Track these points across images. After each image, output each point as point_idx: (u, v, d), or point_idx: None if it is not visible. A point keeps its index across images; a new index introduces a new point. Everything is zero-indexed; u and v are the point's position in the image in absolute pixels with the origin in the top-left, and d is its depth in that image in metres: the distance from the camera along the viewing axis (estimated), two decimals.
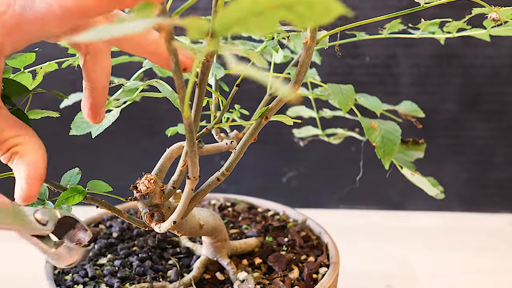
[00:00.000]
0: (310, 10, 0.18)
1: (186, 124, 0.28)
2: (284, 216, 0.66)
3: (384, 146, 0.44)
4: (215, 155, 0.92)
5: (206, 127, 0.46)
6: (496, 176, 1.01)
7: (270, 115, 0.40)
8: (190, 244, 0.57)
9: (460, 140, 0.99)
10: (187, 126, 0.28)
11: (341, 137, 0.65)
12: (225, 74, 0.52)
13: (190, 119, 0.28)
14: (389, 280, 0.77)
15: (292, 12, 0.18)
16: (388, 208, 1.04)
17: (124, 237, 0.60)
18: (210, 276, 0.52)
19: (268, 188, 1.03)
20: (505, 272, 0.80)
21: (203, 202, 0.70)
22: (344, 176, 1.00)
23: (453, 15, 0.47)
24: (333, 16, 0.18)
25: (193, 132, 0.30)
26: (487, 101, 0.96)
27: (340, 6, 0.18)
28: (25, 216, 0.33)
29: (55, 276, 0.51)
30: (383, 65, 0.95)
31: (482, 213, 1.02)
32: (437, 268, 0.81)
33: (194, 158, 0.32)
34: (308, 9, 0.18)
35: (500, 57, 0.93)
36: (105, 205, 0.42)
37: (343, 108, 0.45)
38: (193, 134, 0.30)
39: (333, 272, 0.51)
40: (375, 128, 0.45)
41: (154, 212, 0.42)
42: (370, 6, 0.90)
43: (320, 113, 0.63)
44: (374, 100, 0.51)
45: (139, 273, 0.52)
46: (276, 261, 0.53)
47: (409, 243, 0.89)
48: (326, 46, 0.43)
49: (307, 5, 0.18)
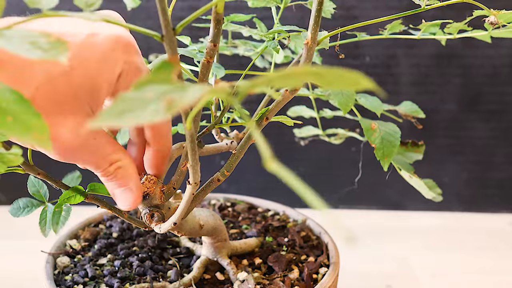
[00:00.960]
0: (339, 82, 0.18)
1: (188, 135, 0.28)
2: (284, 216, 0.66)
3: (383, 148, 0.44)
4: (215, 155, 0.92)
5: (206, 127, 0.46)
6: (496, 176, 1.01)
7: (270, 116, 0.40)
8: (190, 244, 0.57)
9: (460, 140, 0.99)
10: (189, 137, 0.28)
11: (342, 137, 0.65)
12: (225, 74, 0.52)
13: (192, 131, 0.28)
14: (389, 280, 0.77)
15: (321, 79, 0.18)
16: (388, 208, 1.04)
17: (124, 237, 0.60)
18: (210, 276, 0.52)
19: (268, 188, 1.03)
20: (505, 272, 0.80)
21: (203, 202, 0.70)
22: (344, 176, 1.00)
23: (453, 17, 0.47)
24: (359, 87, 0.18)
25: (195, 142, 0.30)
26: (487, 101, 0.96)
27: (366, 81, 0.18)
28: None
29: (55, 276, 0.51)
30: (383, 65, 0.95)
31: (482, 213, 1.02)
32: (437, 268, 0.81)
33: (196, 166, 0.32)
34: (337, 80, 0.18)
35: (500, 57, 0.93)
36: (106, 205, 0.42)
37: (343, 108, 0.45)
38: (194, 144, 0.30)
39: (333, 272, 0.51)
40: (374, 130, 0.45)
41: (154, 213, 0.42)
42: (371, 7, 0.90)
43: (321, 113, 0.63)
44: (374, 100, 0.51)
45: (139, 273, 0.52)
46: (276, 261, 0.53)
47: (409, 243, 0.89)
48: (327, 47, 0.43)
49: (337, 77, 0.18)
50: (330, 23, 0.86)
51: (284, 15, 0.48)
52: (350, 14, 0.91)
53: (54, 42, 0.20)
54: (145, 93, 0.18)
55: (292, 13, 0.79)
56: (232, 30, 0.53)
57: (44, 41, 0.20)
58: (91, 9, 0.28)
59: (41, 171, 0.39)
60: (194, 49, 0.46)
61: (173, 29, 0.26)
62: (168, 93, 0.18)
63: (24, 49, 0.19)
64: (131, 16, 0.89)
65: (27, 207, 0.42)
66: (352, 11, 0.91)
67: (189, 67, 0.49)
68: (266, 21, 0.53)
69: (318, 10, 0.34)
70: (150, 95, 0.18)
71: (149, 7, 0.90)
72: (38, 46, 0.20)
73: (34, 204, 0.42)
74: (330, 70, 0.18)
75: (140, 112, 0.17)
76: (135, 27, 0.26)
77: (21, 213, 0.42)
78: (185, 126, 0.25)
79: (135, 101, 0.18)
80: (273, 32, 0.46)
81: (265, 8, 0.52)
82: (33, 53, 0.19)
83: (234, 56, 0.69)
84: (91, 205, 0.43)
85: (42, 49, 0.20)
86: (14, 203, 0.42)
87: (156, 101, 0.17)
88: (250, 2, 0.49)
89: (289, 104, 0.54)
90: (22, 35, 0.20)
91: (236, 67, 0.86)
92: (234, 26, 0.52)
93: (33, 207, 0.42)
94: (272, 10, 0.50)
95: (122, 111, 0.17)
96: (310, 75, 0.18)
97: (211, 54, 0.33)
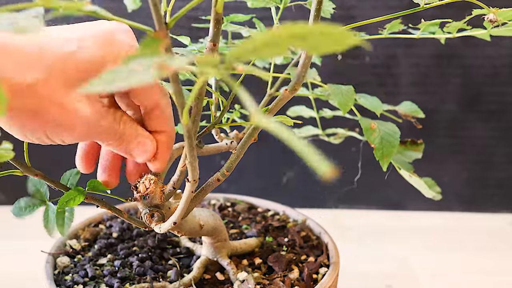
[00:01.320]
0: (324, 40, 0.18)
1: (185, 130, 0.28)
2: (284, 216, 0.66)
3: (382, 148, 0.44)
4: (215, 155, 0.92)
5: (206, 127, 0.46)
6: (496, 176, 1.01)
7: (270, 115, 0.40)
8: (190, 244, 0.57)
9: (460, 140, 0.99)
10: (186, 132, 0.28)
11: (341, 137, 0.65)
12: None
13: (189, 126, 0.28)
14: (389, 280, 0.77)
15: (306, 42, 0.18)
16: (388, 208, 1.04)
17: (124, 237, 0.60)
18: (210, 276, 0.52)
19: (268, 188, 1.03)
20: (505, 272, 0.80)
21: (203, 202, 0.70)
22: (344, 176, 1.00)
23: (453, 16, 0.47)
24: (346, 45, 0.18)
25: (192, 138, 0.30)
26: (487, 101, 0.96)
27: (353, 37, 0.17)
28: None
29: (55, 276, 0.51)
30: (383, 65, 0.95)
31: (482, 213, 1.02)
32: (437, 268, 0.81)
33: (194, 163, 0.32)
34: (321, 38, 0.18)
35: (500, 57, 0.93)
36: (106, 205, 0.42)
37: (343, 108, 0.45)
38: (192, 140, 0.30)
39: (333, 272, 0.51)
40: (374, 130, 0.45)
41: (154, 213, 0.42)
42: (370, 6, 0.90)
43: (320, 113, 0.63)
44: (374, 100, 0.51)
45: (139, 273, 0.52)
46: (276, 261, 0.53)
47: (409, 243, 0.89)
48: None
49: (321, 35, 0.18)
50: (330, 23, 0.86)
51: (283, 15, 0.48)
52: (350, 14, 0.91)
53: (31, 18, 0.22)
54: (134, 65, 0.18)
55: (291, 13, 0.79)
56: (232, 30, 0.53)
57: (22, 17, 0.21)
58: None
59: (38, 172, 0.39)
60: (194, 49, 0.46)
61: (165, 23, 0.26)
62: (157, 62, 0.19)
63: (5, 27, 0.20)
64: (131, 16, 0.89)
65: (29, 206, 0.42)
66: (352, 11, 0.91)
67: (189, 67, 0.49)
68: (265, 22, 0.53)
69: (317, 10, 0.34)
70: (138, 67, 0.18)
71: (149, 7, 0.90)
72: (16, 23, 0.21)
73: (36, 204, 0.42)
74: (313, 28, 0.18)
75: (130, 78, 0.18)
76: (129, 22, 0.26)
77: (24, 213, 0.42)
78: (182, 121, 0.25)
79: (125, 71, 0.18)
80: None
81: (265, 9, 0.52)
82: (10, 28, 0.20)
83: None
84: (91, 205, 0.43)
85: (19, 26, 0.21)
86: (16, 203, 0.42)
87: (146, 69, 0.18)
88: (249, 3, 0.49)
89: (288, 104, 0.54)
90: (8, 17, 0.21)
91: None
92: (233, 27, 0.52)
93: (35, 207, 0.42)
94: (272, 11, 0.50)
95: (112, 80, 0.18)
96: (294, 39, 0.18)
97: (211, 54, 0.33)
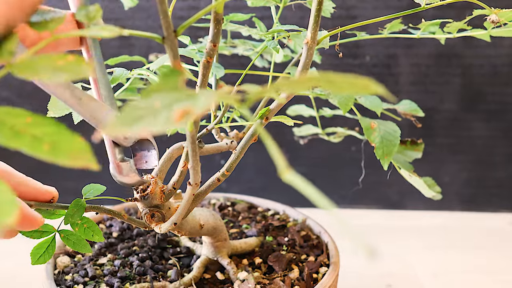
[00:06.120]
0: (350, 88, 0.18)
1: (189, 136, 0.28)
2: (284, 216, 0.66)
3: (383, 147, 0.44)
4: (215, 155, 0.92)
5: (206, 127, 0.46)
6: (496, 175, 1.01)
7: (270, 115, 0.40)
8: (190, 243, 0.57)
9: (460, 140, 0.99)
10: (190, 138, 0.28)
11: (341, 136, 0.65)
12: (225, 74, 0.52)
13: (194, 132, 0.28)
14: (389, 280, 0.77)
15: (332, 85, 0.18)
16: (388, 208, 1.04)
17: (124, 237, 0.60)
18: (210, 276, 0.52)
19: (268, 188, 1.03)
20: (505, 271, 0.80)
21: (203, 201, 0.70)
22: (344, 175, 1.00)
23: (453, 16, 0.47)
24: (370, 92, 0.18)
25: (196, 143, 0.30)
26: (487, 101, 0.96)
27: (377, 87, 0.18)
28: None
29: (55, 276, 0.51)
30: (383, 64, 0.95)
31: (482, 213, 1.02)
32: (437, 268, 0.81)
33: (197, 167, 0.32)
34: (348, 86, 0.18)
35: (500, 57, 0.93)
36: (104, 211, 0.42)
37: (343, 108, 0.45)
38: (195, 145, 0.30)
39: (333, 271, 0.51)
40: (374, 129, 0.45)
41: (154, 213, 0.42)
42: (371, 6, 0.90)
43: (320, 112, 0.63)
44: (374, 99, 0.51)
45: (139, 273, 0.52)
46: (276, 261, 0.53)
47: (409, 243, 0.89)
48: (327, 46, 0.43)
49: (348, 84, 0.18)
50: (330, 23, 0.86)
51: (283, 15, 0.48)
52: (350, 14, 0.91)
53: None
54: (154, 101, 0.18)
55: (291, 12, 0.79)
56: (232, 29, 0.53)
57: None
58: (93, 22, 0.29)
59: (32, 203, 0.37)
60: (194, 49, 0.46)
61: (174, 31, 0.26)
62: (179, 101, 0.18)
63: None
64: (131, 16, 0.89)
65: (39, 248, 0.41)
66: (352, 10, 0.91)
67: (188, 67, 0.49)
68: (265, 21, 0.53)
69: (318, 9, 0.34)
70: (158, 104, 0.18)
71: (149, 7, 0.90)
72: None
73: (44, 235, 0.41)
74: (341, 77, 0.18)
75: (151, 119, 0.18)
76: (136, 32, 0.26)
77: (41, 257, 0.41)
78: (187, 128, 0.25)
79: (146, 109, 0.18)
80: (273, 31, 0.46)
81: (265, 8, 0.52)
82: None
83: (233, 55, 0.69)
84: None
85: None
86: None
87: (167, 109, 0.18)
88: (249, 2, 0.49)
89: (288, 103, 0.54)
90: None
91: (236, 66, 0.86)
92: (233, 26, 0.52)
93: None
94: (272, 10, 0.50)
95: (134, 119, 0.18)
96: (322, 82, 0.18)
97: (211, 54, 0.33)
